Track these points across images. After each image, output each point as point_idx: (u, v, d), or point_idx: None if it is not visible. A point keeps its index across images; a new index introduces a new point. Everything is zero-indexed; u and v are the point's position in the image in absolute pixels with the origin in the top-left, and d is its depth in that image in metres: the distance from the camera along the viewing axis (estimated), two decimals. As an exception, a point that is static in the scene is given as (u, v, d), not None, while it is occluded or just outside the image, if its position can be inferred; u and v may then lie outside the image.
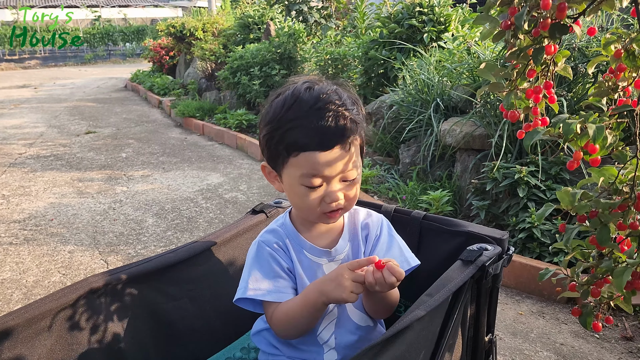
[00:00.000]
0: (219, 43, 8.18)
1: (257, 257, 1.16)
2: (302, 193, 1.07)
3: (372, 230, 1.21)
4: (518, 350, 2.12)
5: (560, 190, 0.97)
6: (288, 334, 1.14)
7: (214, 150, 5.70)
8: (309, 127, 1.02)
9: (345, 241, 1.19)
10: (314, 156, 1.03)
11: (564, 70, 0.96)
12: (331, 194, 1.06)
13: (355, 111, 1.07)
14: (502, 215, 2.94)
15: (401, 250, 1.19)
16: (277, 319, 1.10)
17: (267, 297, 1.11)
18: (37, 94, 10.82)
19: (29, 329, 0.98)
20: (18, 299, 2.58)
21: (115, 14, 23.17)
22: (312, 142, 1.02)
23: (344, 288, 1.00)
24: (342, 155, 1.04)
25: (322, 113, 1.03)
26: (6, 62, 18.69)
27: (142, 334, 1.18)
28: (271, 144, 1.08)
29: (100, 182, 4.52)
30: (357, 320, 1.17)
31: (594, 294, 0.99)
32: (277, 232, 1.19)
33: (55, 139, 6.33)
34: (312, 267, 1.16)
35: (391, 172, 3.96)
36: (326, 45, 6.19)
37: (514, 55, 0.92)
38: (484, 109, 3.30)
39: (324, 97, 1.05)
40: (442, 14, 4.77)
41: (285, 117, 1.05)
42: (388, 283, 0.98)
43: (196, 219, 3.61)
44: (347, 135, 1.04)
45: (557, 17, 0.85)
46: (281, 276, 1.14)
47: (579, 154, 0.92)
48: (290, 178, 1.08)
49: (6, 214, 3.76)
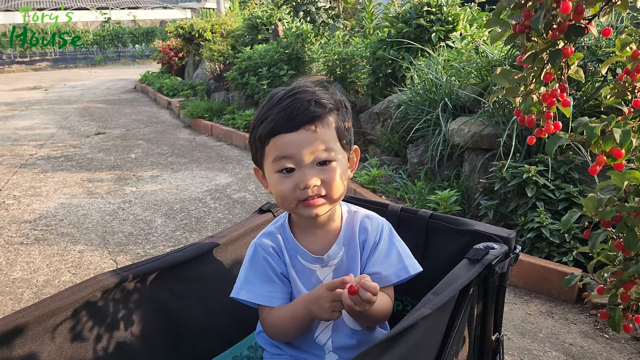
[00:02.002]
0: (227, 44, 8.21)
1: (252, 260, 1.18)
2: (277, 181, 1.08)
3: (370, 236, 1.18)
4: (527, 350, 2.11)
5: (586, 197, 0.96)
6: (279, 339, 1.17)
7: (222, 151, 5.72)
8: (277, 114, 1.06)
9: (340, 246, 1.17)
10: (281, 138, 1.05)
11: (576, 73, 0.95)
12: (303, 177, 1.05)
13: (327, 98, 1.09)
14: (511, 214, 2.92)
15: (400, 257, 1.16)
16: (269, 323, 1.13)
17: (258, 300, 1.14)
18: (47, 95, 10.91)
19: (39, 327, 1.00)
20: (29, 298, 2.60)
21: (125, 16, 23.29)
22: (278, 125, 1.05)
23: (324, 310, 1.02)
24: (310, 136, 1.05)
25: (290, 99, 1.06)
26: (17, 64, 18.85)
27: (150, 331, 1.19)
28: (252, 143, 1.12)
29: (109, 183, 4.55)
30: (351, 325, 1.17)
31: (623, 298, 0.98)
32: (273, 235, 1.19)
33: (66, 140, 6.39)
34: (306, 272, 1.16)
35: (399, 172, 3.96)
36: (334, 46, 6.19)
37: (530, 59, 0.91)
38: (493, 109, 3.29)
39: (295, 88, 1.09)
40: (450, 14, 4.75)
41: (260, 113, 1.10)
42: (365, 300, 0.97)
43: (204, 219, 3.62)
44: (313, 115, 1.05)
45: (574, 19, 0.84)
46: (274, 281, 1.15)
47: (603, 158, 0.91)
48: (268, 169, 1.10)
49: (17, 214, 3.80)
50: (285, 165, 1.06)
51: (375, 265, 1.15)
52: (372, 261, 1.16)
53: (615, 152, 0.90)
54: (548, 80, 0.93)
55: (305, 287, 1.15)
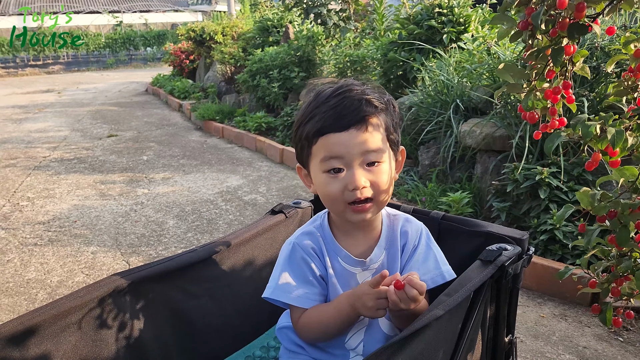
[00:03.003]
0: (238, 46, 8.24)
1: (290, 259, 1.14)
2: (325, 182, 1.05)
3: (410, 240, 1.16)
4: (540, 353, 2.10)
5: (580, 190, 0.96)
6: (315, 339, 1.14)
7: (233, 153, 5.74)
8: (325, 112, 1.04)
9: (381, 249, 1.15)
10: (330, 137, 1.03)
11: (582, 70, 0.95)
12: (352, 178, 1.03)
13: (377, 96, 1.06)
14: (524, 217, 2.91)
15: (437, 263, 1.15)
16: (306, 323, 1.10)
17: (294, 302, 1.11)
18: (60, 98, 11.02)
19: (54, 325, 1.01)
20: (43, 298, 2.63)
21: (137, 19, 23.46)
22: (327, 124, 1.03)
23: (368, 308, 1.00)
24: (360, 137, 1.02)
25: (339, 98, 1.04)
26: (30, 67, 19.06)
27: (163, 331, 1.20)
28: (297, 141, 1.10)
29: (122, 185, 4.59)
30: (386, 330, 1.14)
31: (614, 293, 0.98)
32: (313, 235, 1.16)
33: (79, 143, 6.45)
34: (345, 275, 1.14)
35: (410, 174, 3.95)
36: (345, 48, 6.20)
37: (533, 56, 0.92)
38: (505, 110, 3.27)
39: (343, 86, 1.07)
40: (461, 15, 4.74)
41: (307, 112, 1.07)
42: (410, 297, 0.95)
43: (216, 221, 3.64)
44: (363, 115, 1.03)
45: (576, 17, 0.85)
46: (311, 283, 1.12)
47: (598, 155, 0.92)
48: (314, 169, 1.08)
49: (31, 216, 3.84)
50: (334, 166, 1.04)
51: (412, 269, 1.13)
52: (410, 265, 1.15)
53: (609, 150, 0.90)
54: (550, 77, 0.93)
55: (344, 290, 1.12)
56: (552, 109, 0.95)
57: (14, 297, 2.66)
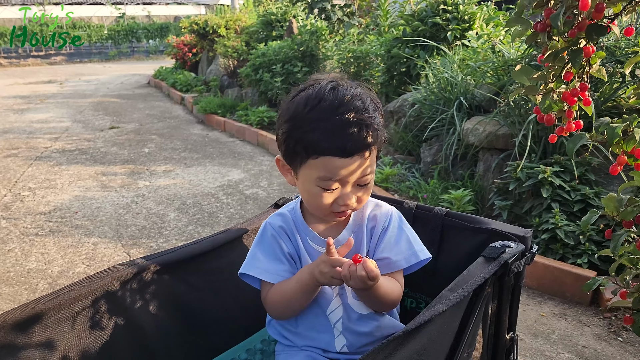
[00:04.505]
0: (241, 40, 8.23)
1: (262, 237, 1.21)
2: (317, 193, 1.09)
3: (379, 223, 1.20)
4: (539, 352, 2.10)
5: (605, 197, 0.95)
6: (280, 314, 1.19)
7: (235, 147, 5.74)
8: (331, 132, 1.02)
9: (349, 232, 1.19)
10: (333, 161, 1.03)
11: (599, 72, 0.94)
12: (345, 197, 1.09)
13: (377, 119, 1.07)
14: (525, 215, 2.90)
15: (410, 243, 1.18)
16: (271, 298, 1.15)
17: (263, 276, 1.16)
18: (62, 89, 11.02)
19: (57, 314, 1.01)
20: (43, 288, 2.63)
21: (139, 12, 23.43)
22: (332, 148, 1.02)
23: (323, 274, 1.04)
24: (361, 163, 1.05)
25: (346, 120, 1.02)
26: (33, 58, 19.06)
27: (165, 322, 1.20)
28: (290, 142, 1.08)
29: (123, 177, 4.59)
30: (358, 310, 1.18)
31: None
32: (285, 216, 1.22)
33: (80, 134, 6.44)
34: (315, 254, 1.18)
35: (412, 171, 3.95)
36: (349, 43, 6.18)
37: (550, 58, 0.91)
38: (508, 108, 3.27)
39: (348, 101, 1.04)
40: (466, 12, 4.72)
41: (307, 117, 1.05)
42: (359, 276, 0.98)
43: (217, 214, 3.64)
44: (368, 146, 1.05)
45: (595, 18, 0.84)
46: (280, 259, 1.18)
47: (623, 158, 0.90)
48: (306, 177, 1.09)
49: (32, 206, 3.84)
50: (330, 187, 1.07)
51: (385, 251, 1.17)
52: (381, 247, 1.18)
53: (636, 152, 0.89)
54: (569, 79, 0.92)
55: None
56: (569, 112, 0.94)
57: (15, 286, 2.66)
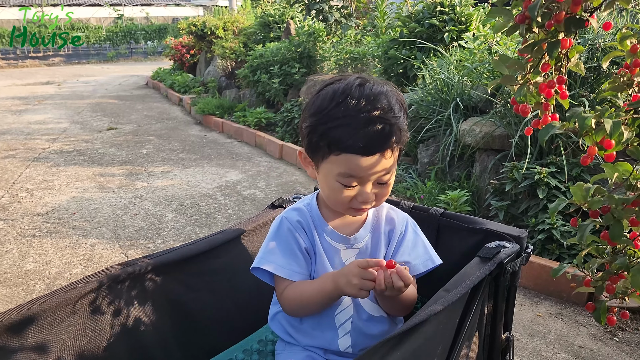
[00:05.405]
0: (239, 42, 8.22)
1: (278, 232, 1.19)
2: (337, 188, 1.09)
3: (397, 227, 1.22)
4: (535, 352, 2.11)
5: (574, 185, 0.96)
6: (297, 314, 1.18)
7: (233, 148, 5.74)
8: (355, 130, 1.02)
9: (367, 231, 1.20)
10: (356, 159, 1.03)
11: (577, 66, 0.95)
12: (364, 194, 1.08)
13: (401, 119, 1.07)
14: (521, 216, 2.91)
15: (426, 248, 1.21)
16: (289, 297, 1.14)
17: (279, 272, 1.14)
18: (60, 90, 11.00)
19: (54, 315, 1.01)
20: (41, 289, 2.63)
21: (138, 13, 23.39)
22: (355, 145, 1.02)
23: (352, 286, 1.02)
24: (383, 162, 1.05)
25: (371, 118, 1.02)
26: (31, 59, 19.00)
27: (162, 323, 1.20)
28: (313, 137, 1.08)
29: (121, 178, 4.59)
30: (369, 311, 1.18)
31: (608, 290, 0.98)
32: (301, 211, 1.21)
33: (78, 135, 6.44)
34: (331, 250, 1.18)
35: (409, 172, 3.96)
36: (346, 45, 6.19)
37: (528, 49, 0.92)
38: (505, 109, 3.28)
39: (374, 99, 1.04)
40: (463, 14, 4.74)
41: (332, 113, 1.04)
42: (396, 287, 0.99)
43: (215, 215, 3.64)
44: (391, 146, 1.05)
45: (572, 11, 0.85)
46: (296, 255, 1.16)
47: (594, 149, 0.91)
48: (327, 172, 1.09)
49: (30, 207, 3.84)
50: (351, 183, 1.07)
51: (404, 255, 1.19)
52: (400, 251, 1.19)
53: (605, 142, 0.90)
54: (545, 70, 0.93)
55: (330, 265, 1.17)
56: (545, 104, 0.95)
57: (12, 287, 2.66)
